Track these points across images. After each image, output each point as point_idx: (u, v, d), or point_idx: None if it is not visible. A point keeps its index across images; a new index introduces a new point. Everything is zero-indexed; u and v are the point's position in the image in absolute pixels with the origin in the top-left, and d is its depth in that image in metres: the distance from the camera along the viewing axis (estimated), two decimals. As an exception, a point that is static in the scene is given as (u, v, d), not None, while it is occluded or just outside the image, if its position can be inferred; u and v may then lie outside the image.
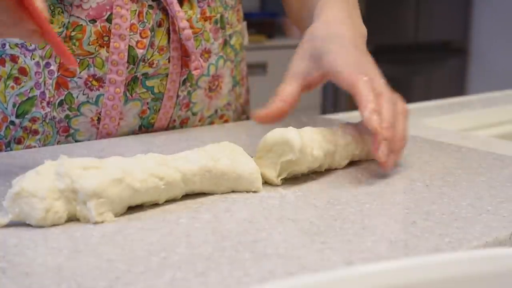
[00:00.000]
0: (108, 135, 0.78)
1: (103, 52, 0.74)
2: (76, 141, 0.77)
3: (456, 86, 3.50)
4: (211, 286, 0.38)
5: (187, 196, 0.54)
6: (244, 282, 0.38)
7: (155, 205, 0.52)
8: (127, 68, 0.76)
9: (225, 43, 0.85)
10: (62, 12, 0.72)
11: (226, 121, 0.90)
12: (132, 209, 0.51)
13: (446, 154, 0.70)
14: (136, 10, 0.75)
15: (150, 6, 0.76)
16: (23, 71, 0.73)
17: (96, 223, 0.47)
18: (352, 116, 0.90)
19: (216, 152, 0.55)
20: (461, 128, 0.95)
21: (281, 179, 0.58)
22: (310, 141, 0.58)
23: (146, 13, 0.76)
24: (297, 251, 0.43)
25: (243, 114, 0.94)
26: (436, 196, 0.55)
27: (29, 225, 0.47)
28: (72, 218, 0.48)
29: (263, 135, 0.58)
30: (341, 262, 0.41)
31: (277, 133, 0.57)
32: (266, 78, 2.71)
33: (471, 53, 3.56)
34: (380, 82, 0.62)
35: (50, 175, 0.48)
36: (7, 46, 0.72)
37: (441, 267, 0.32)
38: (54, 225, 0.47)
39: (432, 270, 0.32)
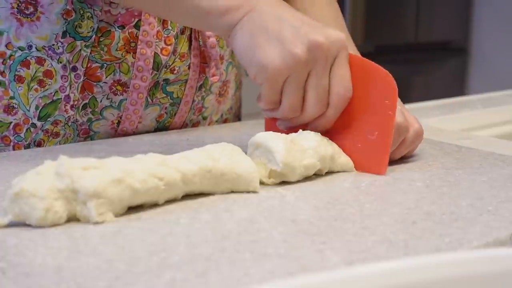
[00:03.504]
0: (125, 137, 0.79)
1: (130, 57, 0.75)
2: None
3: (456, 86, 3.49)
4: (211, 286, 0.38)
5: (187, 196, 0.54)
6: (244, 282, 0.38)
7: (155, 205, 0.52)
8: (151, 74, 0.76)
9: None
10: (91, 17, 0.72)
11: None
12: (132, 209, 0.51)
13: (446, 154, 0.70)
14: (161, 18, 0.76)
15: None
16: (48, 74, 0.72)
17: (96, 223, 0.47)
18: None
19: (216, 152, 0.55)
20: (461, 128, 0.94)
21: (273, 181, 0.58)
22: (302, 150, 0.58)
23: (171, 21, 0.76)
24: (297, 251, 0.43)
25: (236, 116, 0.95)
26: (436, 196, 0.55)
27: (29, 225, 0.47)
28: (72, 218, 0.48)
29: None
30: (341, 262, 0.41)
31: (263, 138, 0.58)
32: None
33: (471, 53, 3.56)
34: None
35: (50, 175, 0.48)
36: (33, 48, 0.71)
37: (441, 267, 0.32)
38: (54, 225, 0.47)
39: (432, 270, 0.32)
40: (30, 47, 0.71)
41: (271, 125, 0.67)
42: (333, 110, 0.61)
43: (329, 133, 0.63)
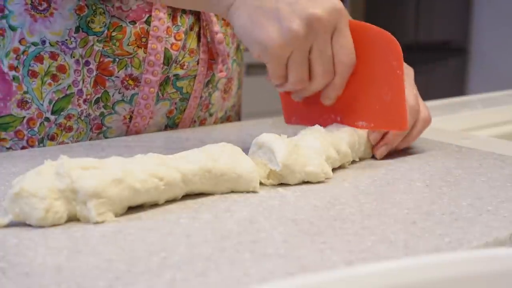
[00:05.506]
0: (137, 133, 0.80)
1: (141, 52, 0.76)
2: (107, 138, 0.78)
3: (456, 86, 3.50)
4: (211, 286, 0.38)
5: (187, 196, 0.54)
6: (244, 282, 0.38)
7: (155, 205, 0.52)
8: (162, 69, 0.77)
9: (237, 47, 0.89)
10: (104, 12, 0.74)
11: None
12: (132, 209, 0.51)
13: (446, 154, 0.70)
14: (171, 14, 0.78)
15: (183, 11, 0.79)
16: (62, 68, 0.74)
17: (96, 223, 0.47)
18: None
19: (216, 152, 0.55)
20: (461, 128, 0.94)
21: (271, 183, 0.58)
22: (307, 157, 0.58)
23: (180, 17, 0.78)
24: (297, 251, 0.43)
25: (237, 115, 0.96)
26: (436, 196, 0.55)
27: (29, 225, 0.47)
28: (72, 218, 0.48)
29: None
30: (341, 262, 0.41)
31: (267, 138, 0.58)
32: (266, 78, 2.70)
33: (471, 53, 3.56)
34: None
35: (50, 175, 0.48)
36: (47, 43, 0.73)
37: (441, 267, 0.32)
38: (54, 225, 0.47)
39: (432, 270, 0.32)
40: (43, 42, 0.73)
41: (286, 99, 0.70)
42: (339, 78, 0.63)
43: (344, 100, 0.66)
